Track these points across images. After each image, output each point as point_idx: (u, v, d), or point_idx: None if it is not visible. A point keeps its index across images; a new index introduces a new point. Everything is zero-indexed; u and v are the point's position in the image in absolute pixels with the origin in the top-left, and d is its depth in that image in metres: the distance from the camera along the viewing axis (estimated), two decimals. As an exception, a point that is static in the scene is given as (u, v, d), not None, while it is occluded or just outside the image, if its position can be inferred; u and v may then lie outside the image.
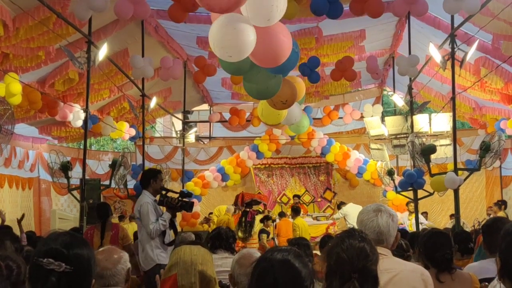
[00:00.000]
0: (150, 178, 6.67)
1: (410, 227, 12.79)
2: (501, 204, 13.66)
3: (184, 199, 6.66)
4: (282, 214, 14.20)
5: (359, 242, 2.44)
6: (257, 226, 13.22)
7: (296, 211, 12.62)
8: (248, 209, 13.65)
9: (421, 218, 13.15)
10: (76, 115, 11.33)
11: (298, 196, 16.18)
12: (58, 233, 2.31)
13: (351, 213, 13.91)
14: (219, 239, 5.35)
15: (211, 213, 15.64)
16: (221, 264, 4.88)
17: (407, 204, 13.36)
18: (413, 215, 13.32)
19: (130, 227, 12.49)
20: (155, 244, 6.48)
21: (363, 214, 3.14)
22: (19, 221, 9.63)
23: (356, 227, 2.99)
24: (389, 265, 2.92)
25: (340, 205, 15.33)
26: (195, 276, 3.93)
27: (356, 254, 2.39)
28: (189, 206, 6.69)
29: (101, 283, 3.21)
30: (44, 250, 2.19)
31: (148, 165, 13.67)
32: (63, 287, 2.15)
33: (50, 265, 2.14)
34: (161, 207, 6.71)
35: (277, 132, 15.71)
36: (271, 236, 12.72)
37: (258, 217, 13.52)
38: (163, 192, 6.68)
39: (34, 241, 7.79)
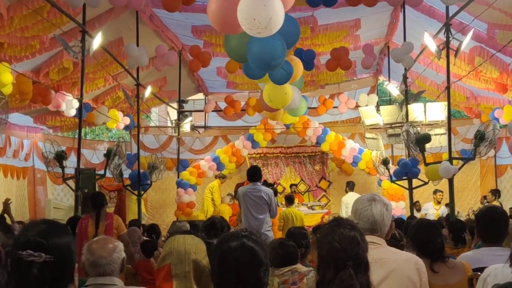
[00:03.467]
0: (261, 173, 8.54)
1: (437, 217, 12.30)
2: (495, 193, 13.70)
3: None
4: None
5: (349, 230, 2.51)
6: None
7: (289, 200, 12.35)
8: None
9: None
10: (69, 104, 11.29)
11: (295, 186, 16.16)
12: (34, 222, 2.28)
13: (351, 203, 13.82)
14: (214, 228, 5.37)
15: None
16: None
17: (435, 193, 13.05)
18: (440, 205, 13.25)
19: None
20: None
21: (358, 203, 3.16)
22: (8, 211, 9.60)
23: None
24: (382, 255, 2.95)
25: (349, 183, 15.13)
26: (189, 266, 3.95)
27: (349, 242, 2.45)
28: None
29: (97, 271, 3.22)
30: (22, 242, 2.17)
31: (143, 154, 13.63)
32: (47, 277, 2.14)
33: (30, 257, 2.12)
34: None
35: (272, 122, 15.68)
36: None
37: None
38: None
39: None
